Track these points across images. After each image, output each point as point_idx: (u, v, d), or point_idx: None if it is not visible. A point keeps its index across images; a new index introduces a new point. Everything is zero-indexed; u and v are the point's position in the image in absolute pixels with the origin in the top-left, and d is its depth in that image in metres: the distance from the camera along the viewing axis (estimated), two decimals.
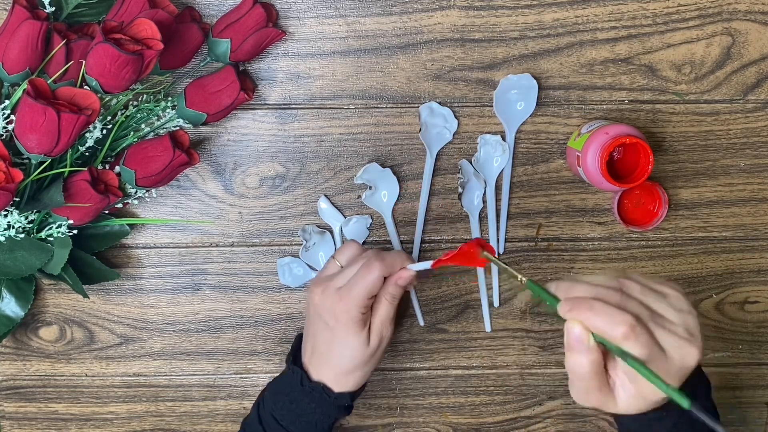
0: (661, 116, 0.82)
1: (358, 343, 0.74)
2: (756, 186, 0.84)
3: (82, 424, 0.88)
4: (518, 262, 0.85)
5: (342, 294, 0.74)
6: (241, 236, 0.84)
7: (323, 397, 0.75)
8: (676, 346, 0.56)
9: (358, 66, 0.80)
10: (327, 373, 0.75)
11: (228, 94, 0.75)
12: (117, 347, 0.86)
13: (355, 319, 0.73)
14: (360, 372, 0.75)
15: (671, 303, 0.58)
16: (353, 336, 0.74)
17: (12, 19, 0.70)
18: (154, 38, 0.67)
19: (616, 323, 0.54)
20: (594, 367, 0.56)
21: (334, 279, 0.75)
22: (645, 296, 0.58)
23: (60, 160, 0.72)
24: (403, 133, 0.82)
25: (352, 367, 0.75)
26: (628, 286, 0.58)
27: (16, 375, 0.87)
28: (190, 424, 0.89)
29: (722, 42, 0.80)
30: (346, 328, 0.74)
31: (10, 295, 0.79)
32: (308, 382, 0.75)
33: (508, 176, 0.83)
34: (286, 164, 0.82)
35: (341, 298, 0.74)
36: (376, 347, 0.75)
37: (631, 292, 0.58)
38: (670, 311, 0.57)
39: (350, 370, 0.75)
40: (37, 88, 0.66)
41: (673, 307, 0.58)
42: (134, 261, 0.84)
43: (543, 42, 0.80)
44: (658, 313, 0.57)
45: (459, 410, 0.89)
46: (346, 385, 0.75)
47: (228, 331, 0.86)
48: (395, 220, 0.84)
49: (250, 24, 0.74)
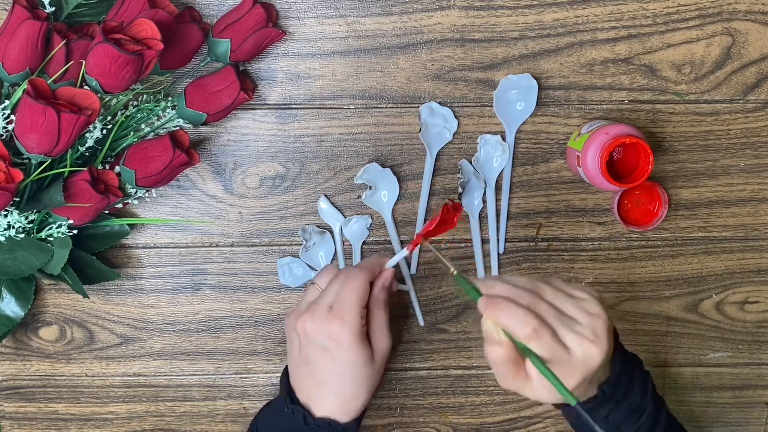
0: (661, 116, 0.82)
1: (363, 360, 0.71)
2: (756, 186, 0.84)
3: (82, 424, 0.88)
4: (518, 262, 0.85)
5: (335, 311, 0.71)
6: (241, 236, 0.84)
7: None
8: (580, 346, 0.61)
9: (358, 66, 0.80)
10: (332, 404, 0.71)
11: (228, 94, 0.75)
12: (117, 347, 0.86)
13: (355, 334, 0.70)
14: (367, 394, 0.72)
15: (583, 306, 0.63)
16: (356, 353, 0.71)
17: (12, 19, 0.70)
18: (154, 38, 0.67)
19: (521, 324, 0.60)
20: (506, 357, 0.62)
21: (320, 301, 0.73)
22: (556, 299, 0.63)
23: (60, 160, 0.72)
24: (403, 133, 0.82)
25: (360, 389, 0.72)
26: (542, 288, 0.64)
27: (16, 375, 0.87)
28: (190, 424, 0.89)
29: (722, 42, 0.80)
30: (348, 346, 0.70)
31: (10, 295, 0.79)
32: (312, 420, 0.71)
33: (508, 176, 0.83)
34: (286, 164, 0.82)
35: (335, 315, 0.71)
36: (381, 361, 0.73)
37: (544, 295, 0.63)
38: (580, 313, 0.62)
39: (358, 393, 0.72)
40: (37, 88, 0.66)
41: (584, 310, 0.62)
42: (134, 261, 0.84)
43: (543, 42, 0.80)
44: (567, 314, 0.62)
45: (459, 410, 0.89)
46: (353, 411, 0.72)
47: (228, 331, 0.86)
48: (395, 220, 0.84)
49: (250, 24, 0.74)
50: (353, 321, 0.71)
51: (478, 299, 0.63)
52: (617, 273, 0.86)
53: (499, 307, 0.61)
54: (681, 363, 0.89)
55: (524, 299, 0.62)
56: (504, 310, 0.61)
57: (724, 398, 0.90)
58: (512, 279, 0.65)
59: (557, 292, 0.63)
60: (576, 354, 0.61)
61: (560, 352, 0.61)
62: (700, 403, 0.90)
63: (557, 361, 0.61)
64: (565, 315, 0.62)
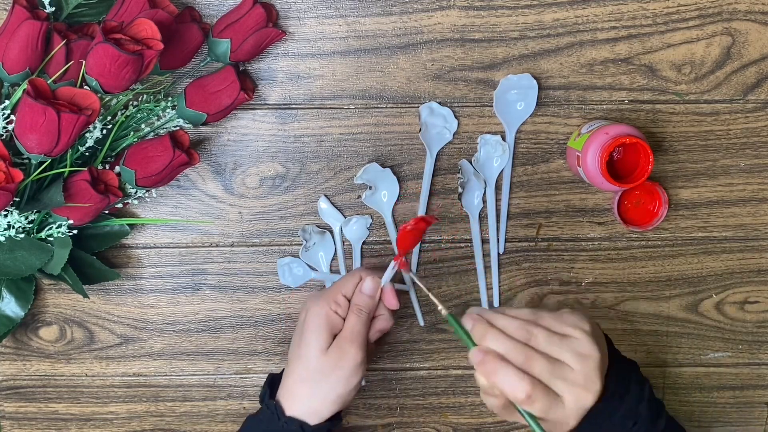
0: (661, 116, 0.82)
1: (317, 346, 0.73)
2: (756, 186, 0.84)
3: (82, 424, 0.88)
4: (518, 263, 0.85)
5: (321, 293, 0.76)
6: (241, 236, 0.84)
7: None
8: (573, 394, 0.62)
9: (358, 66, 0.80)
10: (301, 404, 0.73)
11: (228, 94, 0.75)
12: (117, 347, 0.86)
13: (320, 315, 0.73)
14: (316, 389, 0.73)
15: (575, 348, 0.63)
16: (314, 336, 0.73)
17: (12, 19, 0.70)
18: (154, 38, 0.67)
19: (514, 389, 0.61)
20: (501, 406, 0.64)
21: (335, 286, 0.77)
22: (550, 345, 0.63)
23: (60, 160, 0.72)
24: (403, 133, 0.82)
25: (307, 376, 0.73)
26: (535, 335, 0.63)
27: (16, 375, 0.87)
28: (190, 424, 0.89)
29: (722, 42, 0.80)
30: (311, 326, 0.73)
31: (10, 295, 0.79)
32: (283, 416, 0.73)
33: (508, 176, 0.83)
34: (286, 164, 0.82)
35: (318, 296, 0.76)
36: (335, 360, 0.73)
37: (538, 345, 0.63)
38: (573, 358, 0.63)
39: (305, 379, 0.73)
40: (37, 88, 0.66)
41: (576, 353, 0.63)
42: (134, 261, 0.84)
43: (543, 42, 0.80)
44: (560, 361, 0.63)
45: (459, 410, 0.89)
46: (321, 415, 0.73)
47: (228, 331, 0.86)
48: (395, 220, 0.84)
49: (250, 24, 0.74)
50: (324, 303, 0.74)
51: (471, 350, 0.64)
52: (617, 273, 0.86)
53: (493, 369, 0.62)
54: (681, 363, 0.89)
55: (518, 358, 0.62)
56: (498, 372, 0.62)
57: (725, 398, 0.90)
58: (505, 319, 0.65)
59: (551, 337, 0.63)
60: (569, 402, 0.62)
61: (554, 409, 0.62)
62: (700, 403, 0.90)
63: (551, 418, 0.62)
64: (558, 362, 0.63)
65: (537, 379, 0.62)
